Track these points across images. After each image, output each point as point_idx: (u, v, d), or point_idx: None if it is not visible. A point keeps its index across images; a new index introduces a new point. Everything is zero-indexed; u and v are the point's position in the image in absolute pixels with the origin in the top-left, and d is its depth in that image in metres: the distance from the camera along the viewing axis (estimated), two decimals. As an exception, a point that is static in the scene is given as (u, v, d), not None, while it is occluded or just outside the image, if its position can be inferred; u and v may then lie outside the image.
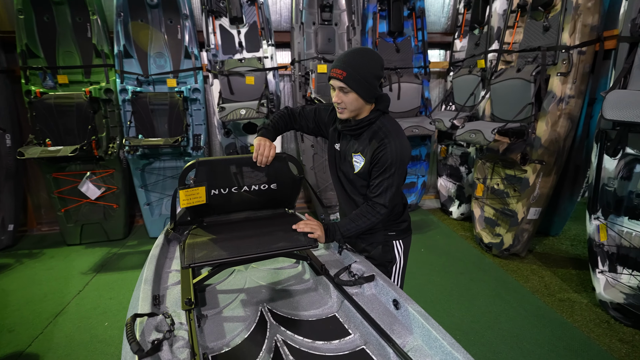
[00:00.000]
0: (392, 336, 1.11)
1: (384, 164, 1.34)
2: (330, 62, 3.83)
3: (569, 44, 2.54)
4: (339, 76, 1.29)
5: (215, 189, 1.45)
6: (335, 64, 1.31)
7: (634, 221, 2.21)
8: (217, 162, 1.44)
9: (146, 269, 1.44)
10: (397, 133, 1.38)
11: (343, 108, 1.36)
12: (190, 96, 3.70)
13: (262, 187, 1.54)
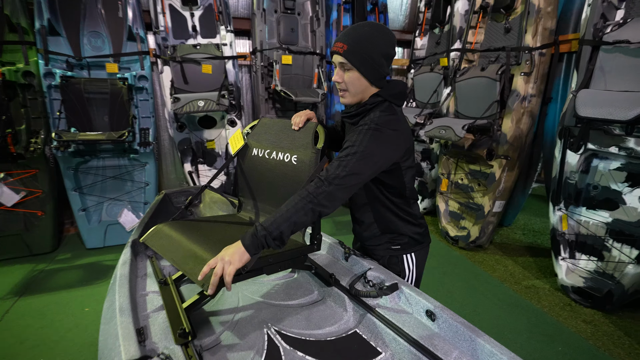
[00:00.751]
0: (437, 353, 1.00)
1: (349, 142, 1.10)
2: (295, 53, 3.63)
3: (531, 45, 2.70)
4: (339, 49, 1.11)
5: (256, 148, 1.47)
6: (339, 37, 1.13)
7: (591, 211, 2.41)
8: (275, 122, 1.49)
9: (117, 294, 1.14)
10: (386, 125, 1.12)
11: (344, 90, 1.17)
12: (136, 84, 3.22)
13: (286, 158, 1.37)
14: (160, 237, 1.27)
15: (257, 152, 1.49)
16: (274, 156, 1.41)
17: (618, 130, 2.14)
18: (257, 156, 1.48)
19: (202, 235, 1.27)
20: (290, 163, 1.35)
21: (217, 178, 3.73)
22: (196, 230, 1.32)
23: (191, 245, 1.18)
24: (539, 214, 4.26)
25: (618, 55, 2.09)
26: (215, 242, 1.23)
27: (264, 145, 1.47)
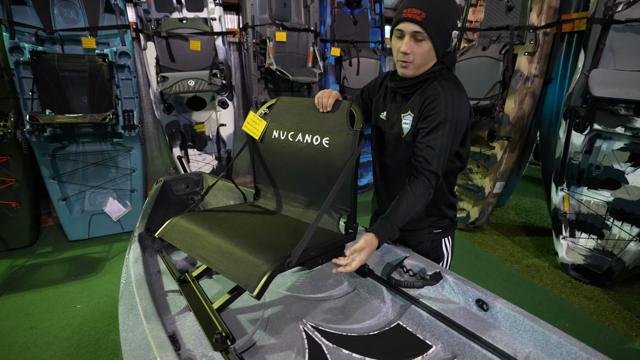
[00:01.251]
0: (497, 345, 0.95)
1: (436, 117, 1.06)
2: (290, 29, 3.43)
3: (536, 24, 2.65)
4: (417, 17, 0.99)
5: (278, 130, 1.35)
6: (410, 2, 1.01)
7: (592, 190, 2.46)
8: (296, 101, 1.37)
9: (137, 296, 1.01)
10: (456, 86, 1.11)
11: (409, 62, 1.07)
12: (117, 61, 2.94)
13: (315, 141, 1.24)
14: (179, 231, 1.14)
15: (278, 134, 1.35)
16: (300, 139, 1.29)
17: (624, 111, 2.16)
18: (278, 139, 1.35)
19: (227, 228, 1.15)
20: (320, 146, 1.23)
21: (208, 162, 3.55)
22: (218, 222, 1.20)
23: (219, 240, 1.06)
24: (528, 194, 4.37)
25: (629, 35, 2.08)
26: (243, 235, 1.12)
27: (286, 127, 1.34)
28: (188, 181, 2.01)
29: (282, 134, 1.34)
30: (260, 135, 1.39)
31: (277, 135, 1.36)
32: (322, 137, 1.23)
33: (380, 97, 1.30)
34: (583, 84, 2.23)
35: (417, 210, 1.10)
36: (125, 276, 1.18)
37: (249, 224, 1.23)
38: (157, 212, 1.64)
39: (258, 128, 1.39)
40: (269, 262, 0.91)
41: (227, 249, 1.01)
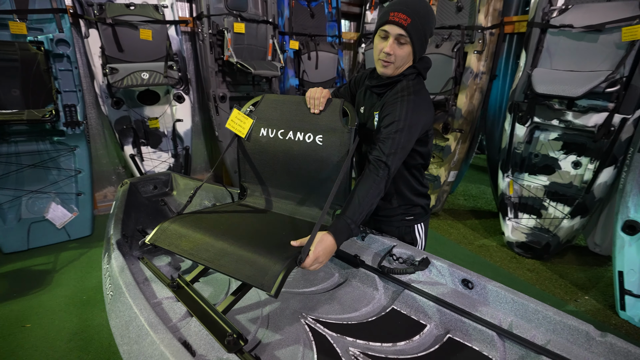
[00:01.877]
0: (484, 317, 1.06)
1: (391, 118, 1.12)
2: (248, 20, 3.33)
3: (483, 25, 2.89)
4: (403, 22, 1.07)
5: (266, 128, 1.35)
6: (397, 7, 1.07)
7: (532, 176, 2.78)
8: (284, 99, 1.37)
9: (136, 307, 0.95)
10: (420, 93, 1.17)
11: (390, 62, 1.15)
12: (54, 50, 2.63)
13: (308, 139, 1.25)
14: (173, 236, 1.08)
15: (266, 132, 1.34)
16: (291, 137, 1.29)
17: (558, 106, 2.47)
18: (267, 137, 1.34)
19: (226, 229, 1.13)
20: (314, 144, 1.25)
21: (164, 160, 3.35)
22: (213, 224, 1.16)
23: (221, 242, 1.03)
24: (473, 180, 4.79)
25: (562, 38, 2.37)
26: (244, 235, 1.10)
27: (275, 125, 1.33)
28: (156, 182, 1.89)
29: (271, 132, 1.34)
30: (246, 134, 1.36)
31: (265, 133, 1.35)
32: (316, 135, 1.25)
33: (361, 92, 1.37)
34: (525, 81, 2.50)
35: (370, 203, 1.08)
36: (111, 287, 1.10)
37: (245, 224, 1.21)
38: (129, 217, 1.53)
39: (244, 126, 1.36)
40: (281, 261, 0.92)
41: (233, 250, 0.99)
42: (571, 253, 2.93)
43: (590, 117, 2.30)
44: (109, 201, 3.64)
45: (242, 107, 1.41)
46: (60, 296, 2.26)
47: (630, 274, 2.08)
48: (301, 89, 3.91)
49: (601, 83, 2.10)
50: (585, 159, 2.47)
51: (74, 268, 2.55)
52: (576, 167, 2.54)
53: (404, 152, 1.13)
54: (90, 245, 2.87)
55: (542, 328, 1.00)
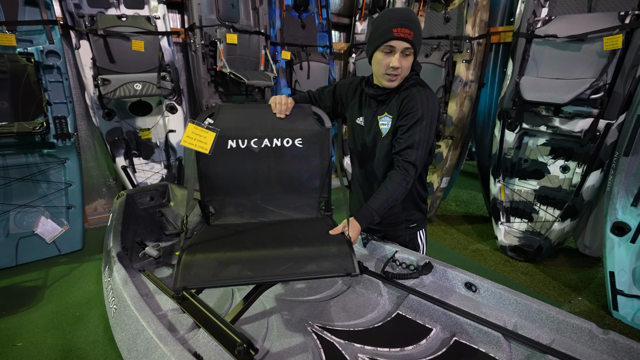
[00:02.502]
0: (489, 319, 1.08)
1: (415, 115, 1.20)
2: (240, 31, 3.36)
3: (471, 35, 2.99)
4: (408, 36, 1.12)
5: (233, 139, 1.25)
6: (399, 22, 1.12)
7: (522, 180, 2.85)
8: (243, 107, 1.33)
9: (143, 320, 0.94)
10: (427, 87, 1.28)
11: (397, 75, 1.20)
12: (45, 61, 2.60)
13: (286, 143, 1.27)
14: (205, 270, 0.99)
15: (235, 143, 1.26)
16: (267, 143, 1.28)
17: (545, 112, 2.55)
18: (237, 148, 1.26)
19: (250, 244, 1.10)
20: (293, 147, 1.29)
21: (157, 172, 3.31)
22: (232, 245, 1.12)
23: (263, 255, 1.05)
24: (464, 186, 4.87)
25: (547, 48, 2.46)
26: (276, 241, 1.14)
27: (245, 135, 1.27)
28: (153, 193, 1.87)
29: (241, 143, 1.27)
30: (210, 148, 1.19)
31: (234, 145, 1.27)
32: (294, 139, 1.28)
33: (356, 103, 1.39)
34: (513, 89, 2.58)
35: (395, 199, 1.21)
36: (115, 300, 1.07)
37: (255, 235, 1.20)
38: (127, 229, 1.51)
39: (205, 141, 1.19)
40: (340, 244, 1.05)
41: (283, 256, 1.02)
42: (562, 255, 2.99)
43: (577, 122, 2.39)
44: (99, 214, 3.56)
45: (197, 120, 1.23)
46: (51, 313, 2.19)
47: (620, 274, 2.14)
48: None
49: (586, 90, 2.19)
50: (573, 163, 2.55)
51: (65, 283, 2.48)
52: (564, 171, 2.62)
53: (428, 147, 1.24)
54: (82, 259, 2.80)
55: (546, 328, 1.02)
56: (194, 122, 1.17)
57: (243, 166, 1.29)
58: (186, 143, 1.17)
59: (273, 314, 1.21)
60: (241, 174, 1.30)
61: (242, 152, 1.27)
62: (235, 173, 1.30)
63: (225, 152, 1.26)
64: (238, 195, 1.33)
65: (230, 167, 1.28)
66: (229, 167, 1.28)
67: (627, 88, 2.18)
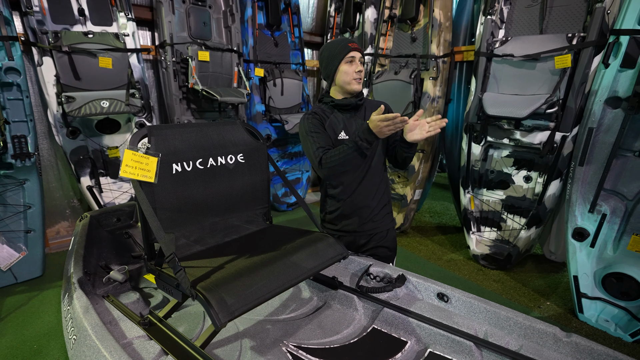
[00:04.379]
0: (461, 328, 1.09)
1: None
2: (212, 49, 3.36)
3: (436, 54, 3.14)
4: (358, 47, 1.43)
5: (178, 162, 1.16)
6: (350, 41, 1.42)
7: (490, 191, 2.97)
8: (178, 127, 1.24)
9: (105, 350, 0.88)
10: None
11: (361, 78, 1.44)
12: (3, 79, 2.48)
13: (230, 160, 1.29)
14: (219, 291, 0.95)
15: (180, 166, 1.17)
16: (213, 163, 1.25)
17: (507, 126, 2.69)
18: (183, 172, 1.18)
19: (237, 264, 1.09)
20: (237, 163, 1.32)
21: (126, 191, 3.20)
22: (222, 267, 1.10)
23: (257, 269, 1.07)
24: (436, 198, 5.00)
25: (506, 66, 2.62)
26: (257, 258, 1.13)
27: (188, 156, 1.20)
28: (119, 214, 1.80)
29: (187, 165, 1.19)
30: (155, 176, 1.10)
31: (179, 169, 1.17)
32: (236, 155, 1.31)
33: (333, 121, 1.43)
34: (477, 104, 2.72)
35: None
36: (74, 330, 1.01)
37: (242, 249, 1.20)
38: (90, 253, 1.43)
39: (148, 168, 1.09)
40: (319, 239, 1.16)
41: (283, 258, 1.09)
42: (530, 262, 3.11)
43: (536, 135, 2.54)
44: (62, 237, 3.37)
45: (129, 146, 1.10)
46: (5, 347, 2.02)
47: (583, 278, 2.25)
48: (267, 115, 3.95)
49: (542, 105, 2.34)
50: (535, 173, 2.69)
51: (22, 314, 2.30)
52: (527, 181, 2.75)
53: None
54: (41, 287, 2.62)
55: (515, 334, 1.05)
56: (131, 148, 1.06)
57: (194, 190, 1.19)
58: (126, 174, 1.03)
59: (246, 335, 1.17)
60: (194, 198, 1.20)
61: (190, 175, 1.18)
62: (187, 199, 1.19)
63: (171, 177, 1.14)
64: (194, 222, 1.23)
65: (181, 193, 1.17)
66: (179, 193, 1.17)
67: (578, 103, 2.35)
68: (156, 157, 1.09)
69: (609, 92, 2.04)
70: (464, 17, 3.31)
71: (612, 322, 2.18)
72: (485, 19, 2.70)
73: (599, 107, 2.08)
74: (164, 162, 1.12)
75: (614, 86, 2.03)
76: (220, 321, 0.82)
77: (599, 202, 2.15)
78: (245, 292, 0.93)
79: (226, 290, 0.92)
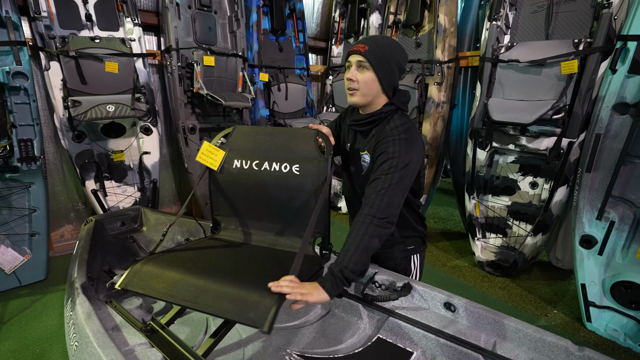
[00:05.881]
0: (468, 339, 1.07)
1: (386, 156, 1.12)
2: (218, 54, 3.38)
3: (441, 59, 3.13)
4: (360, 49, 1.14)
5: (239, 159, 1.34)
6: (358, 40, 1.24)
7: (495, 197, 2.94)
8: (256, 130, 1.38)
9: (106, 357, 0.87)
10: (410, 131, 1.19)
11: (354, 89, 1.18)
12: (10, 83, 2.50)
13: (284, 169, 1.26)
14: (148, 277, 1.02)
15: (239, 163, 1.33)
16: (267, 167, 1.29)
17: (512, 131, 2.67)
18: (240, 168, 1.33)
19: (205, 266, 1.08)
20: (290, 173, 1.26)
21: (130, 195, 3.20)
22: (191, 262, 1.11)
23: (202, 280, 0.98)
24: (440, 203, 4.97)
25: (511, 71, 2.61)
26: (226, 271, 1.06)
27: (249, 156, 1.33)
28: (124, 218, 1.80)
29: (245, 163, 1.33)
30: (219, 166, 1.34)
31: (238, 165, 1.34)
32: (292, 165, 1.26)
33: (346, 128, 1.40)
34: (482, 109, 2.70)
35: (371, 249, 1.06)
36: (76, 337, 1.00)
37: (225, 258, 1.17)
38: (94, 257, 1.43)
39: (215, 158, 1.35)
40: (270, 295, 0.89)
41: (215, 287, 0.95)
42: (537, 269, 3.07)
43: (542, 141, 2.51)
44: (66, 241, 3.38)
45: (213, 139, 1.41)
46: (8, 351, 2.01)
47: (591, 286, 2.21)
48: (272, 119, 3.96)
49: (548, 111, 2.32)
50: (541, 179, 2.67)
51: (25, 318, 2.30)
52: (534, 187, 2.72)
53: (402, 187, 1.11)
54: (45, 290, 2.62)
55: (524, 347, 1.03)
56: (208, 140, 1.34)
57: (243, 188, 1.33)
58: (200, 159, 1.33)
59: (249, 343, 1.16)
60: (241, 194, 1.35)
61: (245, 173, 1.32)
62: (236, 192, 1.36)
63: (230, 171, 1.34)
64: (237, 215, 1.38)
65: (233, 186, 1.35)
66: (232, 186, 1.35)
67: (585, 109, 2.33)
68: (224, 151, 1.34)
69: (616, 98, 2.02)
70: (469, 22, 3.31)
71: (621, 332, 2.13)
72: (491, 25, 2.70)
73: (606, 113, 2.06)
74: (230, 157, 1.34)
75: (621, 92, 2.01)
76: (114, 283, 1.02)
77: (606, 209, 2.11)
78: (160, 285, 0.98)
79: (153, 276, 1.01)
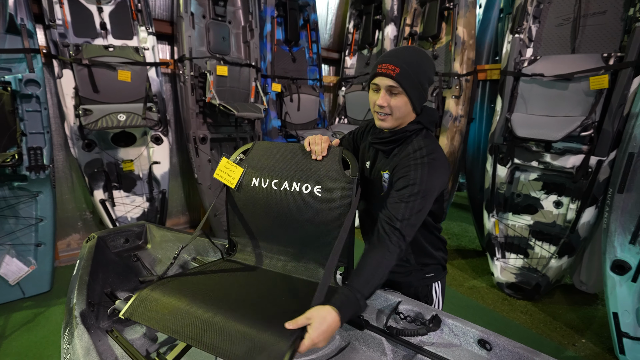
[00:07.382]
0: (508, 386, 0.95)
1: (407, 181, 1.04)
2: (231, 64, 3.34)
3: (459, 72, 3.05)
4: (391, 72, 1.03)
5: (258, 177, 1.25)
6: (385, 58, 1.06)
7: (516, 215, 2.81)
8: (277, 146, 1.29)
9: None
10: (434, 153, 1.10)
11: (386, 114, 1.09)
12: (23, 90, 2.48)
13: (305, 189, 1.16)
14: (154, 308, 0.93)
15: (258, 182, 1.25)
16: (286, 187, 1.20)
17: (535, 148, 2.56)
18: (259, 187, 1.24)
19: (215, 297, 0.98)
20: (311, 195, 1.16)
21: (138, 205, 3.14)
22: (200, 290, 1.01)
23: (210, 314, 0.89)
24: (454, 218, 4.83)
25: (535, 86, 2.51)
26: (237, 303, 0.96)
27: (268, 174, 1.24)
28: (128, 234, 1.71)
29: (263, 182, 1.24)
30: (236, 184, 1.26)
31: (257, 183, 1.25)
32: (314, 186, 1.17)
33: (366, 145, 1.29)
34: (504, 124, 2.60)
35: (382, 275, 1.00)
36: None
37: (239, 287, 1.07)
38: (95, 279, 1.34)
39: (233, 176, 1.27)
40: (284, 337, 0.79)
41: (225, 325, 0.85)
42: (559, 292, 2.91)
43: (568, 158, 2.39)
44: (72, 250, 3.32)
45: (232, 155, 1.33)
46: (6, 369, 1.93)
47: (624, 315, 2.06)
48: (283, 130, 3.90)
49: (577, 127, 2.21)
50: (566, 198, 2.54)
51: (28, 332, 2.22)
52: (558, 207, 2.59)
53: (419, 218, 1.04)
54: (49, 303, 2.55)
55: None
56: (227, 156, 1.28)
57: (261, 208, 1.24)
58: (218, 176, 1.28)
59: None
60: (259, 215, 1.26)
61: (263, 192, 1.23)
62: (253, 213, 1.27)
63: (249, 190, 1.26)
64: (253, 237, 1.30)
65: (251, 205, 1.27)
66: (249, 205, 1.27)
67: (616, 126, 2.21)
68: (242, 168, 1.27)
69: (652, 115, 1.90)
70: (488, 35, 3.23)
71: (658, 367, 1.97)
72: (513, 38, 2.61)
73: (640, 131, 1.94)
74: (248, 175, 1.26)
75: (658, 109, 1.89)
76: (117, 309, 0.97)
77: (641, 234, 1.98)
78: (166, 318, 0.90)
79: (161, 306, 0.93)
